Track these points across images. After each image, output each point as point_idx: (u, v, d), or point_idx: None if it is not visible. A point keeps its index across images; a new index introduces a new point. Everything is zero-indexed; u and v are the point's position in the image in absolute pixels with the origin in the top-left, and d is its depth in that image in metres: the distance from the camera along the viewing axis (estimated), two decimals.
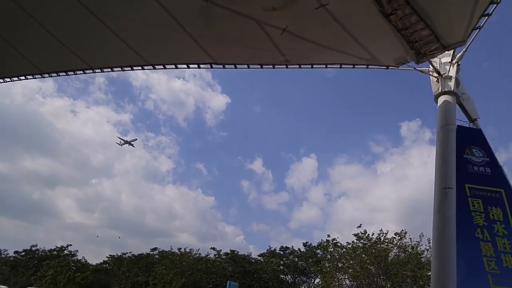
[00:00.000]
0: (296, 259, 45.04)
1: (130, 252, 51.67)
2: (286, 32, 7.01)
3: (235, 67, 8.47)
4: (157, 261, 46.52)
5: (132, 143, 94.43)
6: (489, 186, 8.90)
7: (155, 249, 49.75)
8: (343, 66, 8.58)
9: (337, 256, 35.81)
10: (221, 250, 47.27)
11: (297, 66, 8.42)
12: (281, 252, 45.79)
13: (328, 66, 8.54)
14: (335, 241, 36.92)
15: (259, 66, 8.43)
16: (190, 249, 46.10)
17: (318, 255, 42.10)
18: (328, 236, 38.53)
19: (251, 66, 8.45)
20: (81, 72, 9.46)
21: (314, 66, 8.50)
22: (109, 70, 9.32)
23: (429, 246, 29.59)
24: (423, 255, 31.14)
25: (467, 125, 9.87)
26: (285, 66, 8.35)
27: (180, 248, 46.12)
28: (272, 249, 45.96)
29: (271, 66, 8.42)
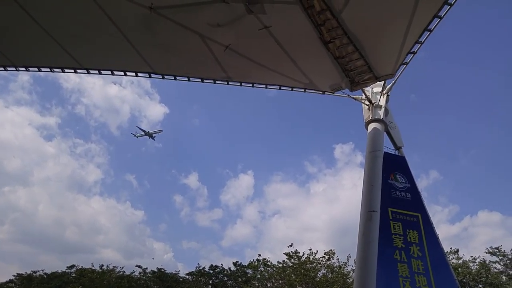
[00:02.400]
0: (226, 279, 44.36)
1: (42, 270, 46.68)
2: (229, 49, 7.04)
3: (175, 79, 8.30)
4: (73, 280, 42.81)
5: (154, 135, 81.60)
6: (409, 211, 9.57)
7: (72, 266, 45.64)
8: (282, 87, 8.81)
9: (266, 276, 36.07)
10: (147, 268, 44.92)
11: (238, 84, 8.48)
12: (211, 271, 44.76)
13: (268, 86, 8.72)
14: (265, 260, 37.31)
15: (200, 80, 8.34)
16: (114, 266, 43.30)
17: (248, 275, 42.00)
18: (259, 255, 38.92)
19: (191, 79, 8.34)
20: (2, 68, 8.62)
21: (255, 85, 8.62)
22: (36, 69, 8.61)
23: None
24: (350, 275, 32.54)
25: (393, 152, 10.61)
26: (226, 83, 8.36)
27: (102, 265, 43.19)
28: (201, 267, 44.82)
29: (212, 81, 8.38)
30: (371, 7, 6.38)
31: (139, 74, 8.26)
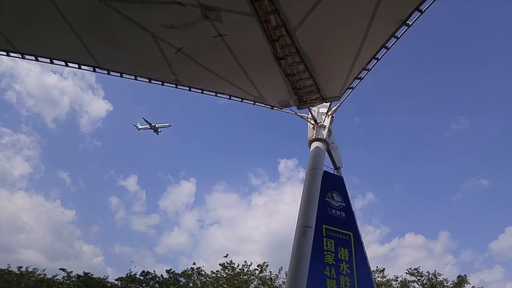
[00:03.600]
0: (157, 286, 42.94)
1: None
2: (181, 52, 6.91)
3: (121, 76, 7.96)
4: None
5: (159, 129, 73.14)
6: (342, 229, 9.93)
7: None
8: (232, 97, 8.81)
9: (199, 285, 35.50)
10: (72, 271, 42.10)
11: (187, 88, 8.33)
12: (142, 277, 43.13)
13: (218, 94, 8.67)
14: (199, 269, 36.73)
15: (148, 80, 8.09)
16: (34, 269, 40.12)
17: (181, 283, 41.04)
18: (194, 264, 38.33)
19: (139, 78, 8.05)
20: None
21: (205, 92, 8.53)
22: None
23: None
24: None
25: (332, 172, 11.00)
26: (175, 86, 8.18)
27: (21, 267, 39.84)
28: (132, 273, 43.00)
29: (160, 83, 8.16)
30: (324, 30, 6.62)
31: (83, 67, 7.81)
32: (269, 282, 32.53)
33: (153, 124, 73.43)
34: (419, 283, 32.34)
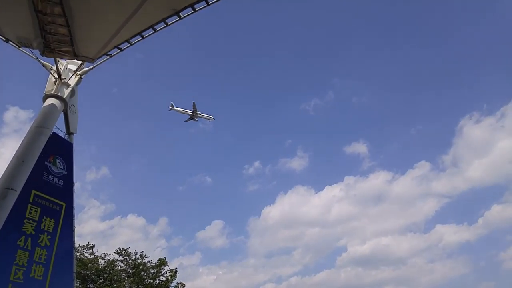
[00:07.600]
0: None
1: None
2: None
3: None
4: None
5: (196, 119, 65.60)
6: (55, 198, 9.10)
7: None
8: None
9: None
10: None
11: None
12: None
13: None
14: None
15: None
16: None
17: None
18: None
19: None
20: None
21: None
22: None
23: None
24: None
25: (62, 135, 9.98)
26: None
27: None
28: None
29: None
30: None
31: None
32: None
33: (196, 111, 66.00)
34: (125, 263, 33.66)
